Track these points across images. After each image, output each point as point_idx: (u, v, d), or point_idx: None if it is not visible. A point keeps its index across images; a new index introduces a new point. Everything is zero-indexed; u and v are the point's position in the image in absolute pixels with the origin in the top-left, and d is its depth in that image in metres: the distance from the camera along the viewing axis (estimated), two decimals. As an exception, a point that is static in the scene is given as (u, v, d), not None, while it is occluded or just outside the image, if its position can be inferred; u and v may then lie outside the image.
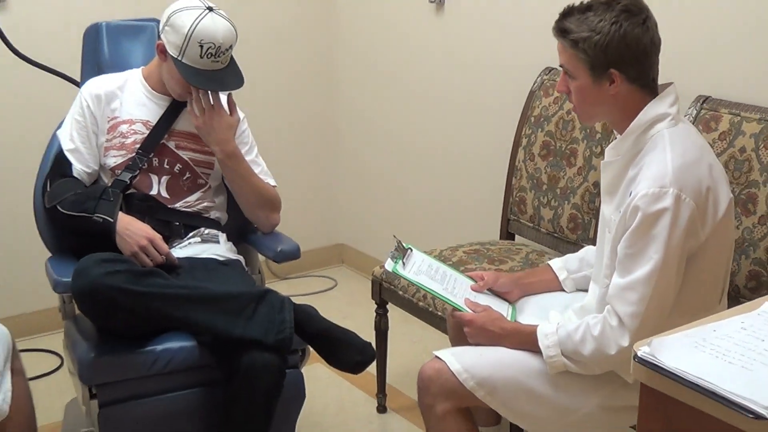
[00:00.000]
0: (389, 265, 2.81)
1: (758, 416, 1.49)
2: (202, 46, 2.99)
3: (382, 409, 3.75)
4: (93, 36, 3.41)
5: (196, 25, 2.98)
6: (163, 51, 3.08)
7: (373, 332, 3.60)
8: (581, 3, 2.44)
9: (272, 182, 3.32)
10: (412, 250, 2.91)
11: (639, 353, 1.71)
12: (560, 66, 2.50)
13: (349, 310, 4.37)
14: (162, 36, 3.07)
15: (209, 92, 3.15)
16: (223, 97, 3.20)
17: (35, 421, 2.93)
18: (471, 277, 2.92)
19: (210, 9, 3.04)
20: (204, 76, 3.04)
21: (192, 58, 3.01)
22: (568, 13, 2.44)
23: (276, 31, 4.74)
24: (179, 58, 3.02)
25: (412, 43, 4.43)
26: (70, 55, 3.61)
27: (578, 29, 2.39)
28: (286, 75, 4.85)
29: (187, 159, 3.20)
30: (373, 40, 4.68)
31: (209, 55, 3.01)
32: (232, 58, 3.11)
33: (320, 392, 3.78)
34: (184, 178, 3.20)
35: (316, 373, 3.77)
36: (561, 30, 2.44)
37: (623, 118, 2.47)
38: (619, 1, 2.38)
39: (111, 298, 2.74)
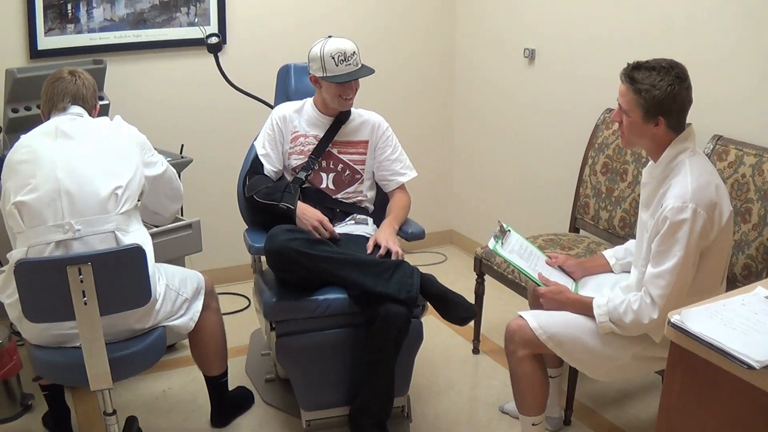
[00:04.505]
0: (491, 243, 2.82)
1: (750, 367, 1.56)
2: (333, 58, 3.03)
3: (476, 351, 3.77)
4: (284, 73, 3.48)
5: (323, 48, 3.05)
6: (314, 80, 3.14)
7: (473, 296, 3.60)
8: (647, 62, 2.41)
9: (413, 173, 3.33)
10: (510, 232, 2.91)
11: (672, 320, 1.76)
12: (618, 102, 2.48)
13: (455, 278, 4.33)
14: (310, 72, 3.13)
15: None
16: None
17: (225, 343, 3.05)
18: (549, 257, 2.94)
19: (329, 36, 3.10)
20: (345, 76, 3.07)
21: (332, 69, 3.05)
22: (637, 67, 2.42)
23: (414, 73, 4.76)
24: (325, 75, 3.08)
25: (512, 85, 4.41)
26: (266, 86, 3.67)
27: (643, 81, 2.37)
28: (420, 107, 4.85)
29: (346, 160, 3.23)
30: (485, 81, 4.67)
31: (341, 61, 3.04)
32: (363, 64, 3.12)
33: (433, 336, 3.78)
34: (345, 174, 3.24)
35: (431, 323, 3.73)
36: (630, 78, 2.41)
37: (656, 149, 2.48)
38: (674, 68, 2.38)
39: (292, 257, 2.81)
